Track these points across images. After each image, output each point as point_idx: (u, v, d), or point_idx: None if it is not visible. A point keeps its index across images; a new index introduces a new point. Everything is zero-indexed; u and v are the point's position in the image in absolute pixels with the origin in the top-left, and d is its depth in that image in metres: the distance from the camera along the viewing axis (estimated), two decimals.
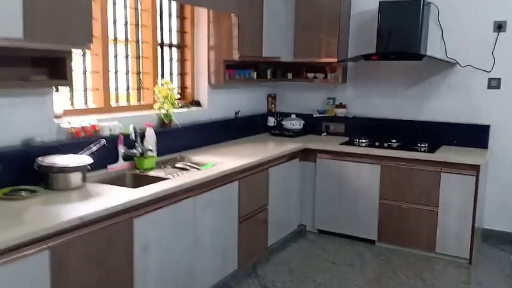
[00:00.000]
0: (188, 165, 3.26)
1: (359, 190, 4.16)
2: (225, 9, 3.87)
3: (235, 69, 4.30)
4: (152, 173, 3.09)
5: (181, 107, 3.96)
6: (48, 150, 2.67)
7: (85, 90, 3.25)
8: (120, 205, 2.33)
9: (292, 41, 4.68)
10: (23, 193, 2.38)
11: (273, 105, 5.16)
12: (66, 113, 3.06)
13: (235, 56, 4.01)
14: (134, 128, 3.12)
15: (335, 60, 4.54)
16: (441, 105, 4.39)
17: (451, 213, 3.80)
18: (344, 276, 3.55)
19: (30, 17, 2.20)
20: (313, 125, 4.93)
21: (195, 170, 3.18)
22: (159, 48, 3.84)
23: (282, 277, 3.51)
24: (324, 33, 4.54)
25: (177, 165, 3.28)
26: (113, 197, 2.43)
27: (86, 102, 3.28)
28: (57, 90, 2.91)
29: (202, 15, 4.09)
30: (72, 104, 3.18)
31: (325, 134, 4.88)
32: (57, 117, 2.89)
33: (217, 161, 3.41)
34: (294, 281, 3.45)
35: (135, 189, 2.62)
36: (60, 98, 2.95)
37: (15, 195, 2.35)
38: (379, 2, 4.23)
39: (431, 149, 4.04)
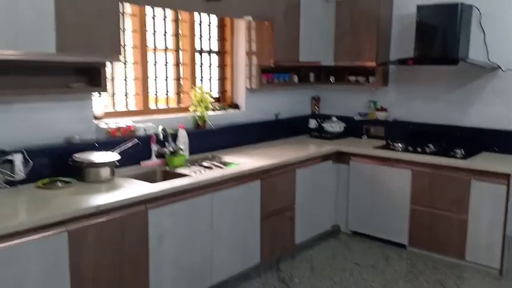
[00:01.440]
0: (213, 164, 3.55)
1: (391, 194, 4.19)
2: (259, 18, 4.09)
3: (273, 74, 4.52)
4: (179, 170, 3.40)
5: (219, 109, 4.26)
6: (85, 147, 3.09)
7: (126, 94, 3.66)
8: (134, 197, 2.67)
9: (333, 45, 4.78)
10: (59, 184, 2.81)
11: (316, 108, 5.29)
12: (108, 114, 3.48)
13: (270, 61, 4.22)
14: (164, 129, 3.47)
15: (374, 64, 4.58)
16: (484, 110, 4.25)
17: (481, 221, 3.72)
18: (362, 277, 3.63)
19: (62, 33, 2.60)
20: (354, 127, 4.99)
21: (219, 168, 3.46)
22: (199, 55, 4.17)
23: (301, 273, 3.68)
24: (364, 36, 4.59)
25: (203, 163, 3.57)
26: (132, 189, 2.78)
27: (126, 105, 3.68)
28: (100, 95, 3.34)
29: (241, 22, 4.36)
30: (113, 106, 3.59)
31: (365, 137, 4.92)
32: (97, 118, 3.32)
33: (246, 161, 3.66)
34: (311, 278, 3.61)
35: (153, 183, 2.95)
36: (101, 101, 3.36)
37: (52, 185, 2.78)
38: (417, 5, 4.22)
39: (468, 156, 3.95)
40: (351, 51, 4.70)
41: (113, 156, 3.03)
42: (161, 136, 3.46)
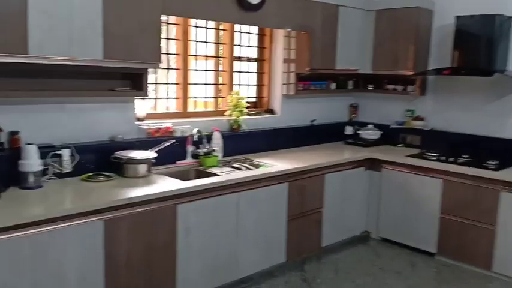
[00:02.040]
0: (244, 166, 3.76)
1: (421, 202, 4.23)
2: (297, 28, 4.27)
3: (310, 81, 4.68)
4: (211, 170, 3.64)
5: (255, 114, 4.47)
6: (127, 146, 3.40)
7: (167, 98, 3.95)
8: (164, 192, 2.94)
9: (371, 54, 4.86)
10: (101, 177, 3.13)
11: (353, 115, 5.38)
12: (150, 116, 3.78)
13: (305, 69, 4.38)
14: (198, 131, 3.73)
15: (411, 73, 4.62)
16: None
17: (510, 233, 3.70)
18: (385, 282, 3.71)
19: (108, 42, 2.91)
20: (390, 135, 5.04)
21: (248, 169, 3.67)
22: (238, 62, 4.40)
23: (324, 275, 3.82)
24: (402, 46, 4.62)
25: (235, 164, 3.79)
26: (164, 185, 3.05)
27: (167, 108, 3.97)
28: (143, 98, 3.64)
29: (280, 32, 4.54)
30: (155, 109, 3.89)
31: (401, 145, 4.96)
32: (139, 119, 3.62)
33: (277, 164, 3.84)
34: (334, 280, 3.73)
35: (183, 181, 3.20)
36: (143, 104, 3.67)
37: (94, 178, 3.10)
38: (456, 16, 4.23)
39: (501, 167, 3.93)
40: (389, 60, 4.75)
41: (150, 154, 3.32)
42: (196, 137, 3.72)
